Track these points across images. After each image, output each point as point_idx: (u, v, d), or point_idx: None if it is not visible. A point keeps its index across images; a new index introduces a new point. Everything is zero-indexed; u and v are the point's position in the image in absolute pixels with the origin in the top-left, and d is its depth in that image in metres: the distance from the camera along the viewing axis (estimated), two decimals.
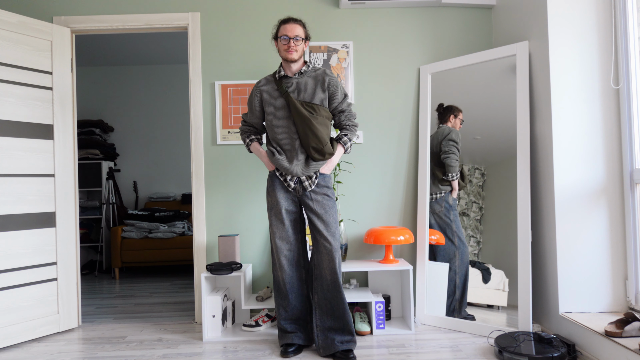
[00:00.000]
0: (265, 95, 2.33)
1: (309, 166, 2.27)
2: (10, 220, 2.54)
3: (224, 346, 2.45)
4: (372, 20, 3.00)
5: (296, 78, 2.29)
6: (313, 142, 2.23)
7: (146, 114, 5.45)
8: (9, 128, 2.55)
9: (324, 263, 2.27)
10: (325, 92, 2.29)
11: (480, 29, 3.02)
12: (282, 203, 2.31)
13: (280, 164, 2.25)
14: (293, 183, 2.29)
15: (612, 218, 2.26)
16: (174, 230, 4.58)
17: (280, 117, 2.28)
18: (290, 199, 2.33)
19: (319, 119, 2.26)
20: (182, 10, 2.96)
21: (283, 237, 2.32)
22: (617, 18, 2.26)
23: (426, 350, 2.29)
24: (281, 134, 2.28)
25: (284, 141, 2.28)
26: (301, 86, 2.28)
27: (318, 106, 2.26)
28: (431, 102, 2.90)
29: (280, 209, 2.31)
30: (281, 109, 2.28)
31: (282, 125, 2.28)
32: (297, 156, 2.26)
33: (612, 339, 1.89)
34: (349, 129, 2.37)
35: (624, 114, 2.24)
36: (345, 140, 2.35)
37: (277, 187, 2.32)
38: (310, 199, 2.29)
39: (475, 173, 2.66)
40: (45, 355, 2.39)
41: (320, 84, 2.28)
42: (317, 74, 2.30)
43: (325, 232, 2.25)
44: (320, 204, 2.28)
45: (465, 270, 2.60)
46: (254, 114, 2.39)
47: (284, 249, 2.33)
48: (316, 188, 2.30)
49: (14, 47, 2.58)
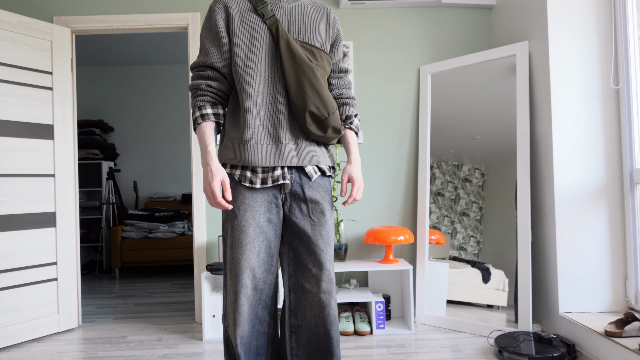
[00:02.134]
0: (236, 16, 1.39)
1: (306, 147, 1.42)
2: (10, 220, 2.54)
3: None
4: (372, 20, 3.00)
5: (287, 0, 1.45)
6: (312, 103, 1.37)
7: (146, 114, 5.45)
8: (9, 128, 2.55)
9: (315, 309, 1.42)
10: (329, 33, 1.48)
11: (480, 29, 3.02)
12: (256, 207, 1.38)
13: (255, 157, 1.36)
14: (283, 175, 1.40)
15: (612, 218, 2.27)
16: (174, 230, 4.58)
17: (259, 55, 1.37)
18: (268, 201, 1.41)
19: (320, 71, 1.42)
20: (182, 10, 2.96)
21: (250, 264, 1.36)
22: (617, 18, 2.26)
23: (426, 350, 2.29)
24: (259, 85, 1.37)
25: (262, 98, 1.38)
26: (295, 14, 1.43)
27: (320, 51, 1.43)
28: (431, 102, 2.90)
29: (251, 218, 1.37)
30: (262, 44, 1.38)
31: (262, 70, 1.38)
32: (285, 128, 1.38)
33: (612, 339, 1.89)
34: (353, 105, 1.57)
35: (624, 114, 2.24)
36: (357, 124, 1.54)
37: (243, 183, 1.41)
38: (303, 199, 1.42)
39: (475, 173, 2.66)
40: (45, 355, 2.39)
41: (324, 19, 1.48)
42: (319, 7, 1.51)
43: (324, 259, 1.40)
44: (318, 210, 1.42)
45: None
46: (215, 45, 1.40)
47: (248, 284, 1.37)
48: (314, 183, 1.43)
49: (14, 47, 2.58)
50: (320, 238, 1.40)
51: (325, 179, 1.47)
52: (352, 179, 1.47)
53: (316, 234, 1.40)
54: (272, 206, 1.40)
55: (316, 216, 1.41)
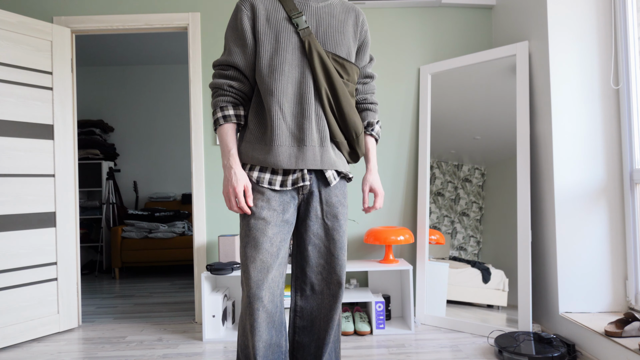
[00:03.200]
0: (262, 16, 1.37)
1: (329, 151, 1.38)
2: (10, 220, 2.54)
3: (224, 346, 2.45)
4: (372, 20, 3.00)
5: (316, 0, 1.41)
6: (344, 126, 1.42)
7: (146, 114, 5.45)
8: (9, 128, 2.55)
9: (322, 311, 1.44)
10: (356, 36, 1.44)
11: (480, 29, 3.02)
12: (273, 208, 1.36)
13: (278, 159, 1.34)
14: (303, 177, 1.38)
15: (612, 218, 2.26)
16: (174, 230, 4.58)
17: (284, 55, 1.35)
18: (286, 202, 1.39)
19: (350, 86, 1.42)
20: (182, 10, 2.96)
21: (266, 264, 1.34)
22: (617, 18, 2.26)
23: (426, 350, 2.29)
24: (284, 86, 1.34)
25: (287, 99, 1.35)
26: (323, 16, 1.39)
27: (350, 64, 1.40)
28: (431, 102, 2.90)
29: (269, 217, 1.35)
30: (288, 45, 1.36)
31: (287, 71, 1.35)
32: (310, 129, 1.34)
33: (612, 339, 1.89)
34: (376, 110, 1.56)
35: (624, 114, 2.24)
36: (378, 131, 1.55)
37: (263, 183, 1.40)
38: (320, 200, 1.41)
39: (475, 173, 2.66)
40: (45, 355, 2.39)
41: (352, 22, 1.43)
42: (348, 8, 1.45)
43: (335, 263, 1.41)
44: (333, 213, 1.42)
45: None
46: (239, 45, 1.39)
47: (265, 296, 1.34)
48: (333, 187, 1.43)
49: (14, 47, 2.58)
50: (332, 242, 1.41)
51: (342, 183, 1.46)
52: (374, 189, 1.49)
53: (329, 238, 1.41)
54: (289, 207, 1.39)
55: (330, 220, 1.41)
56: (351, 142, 1.43)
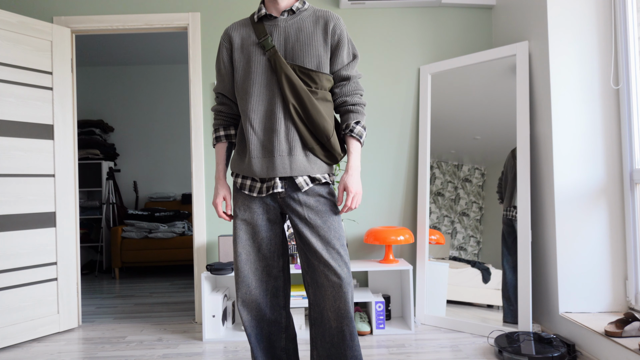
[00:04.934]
0: (237, 45, 1.56)
1: (299, 159, 1.51)
2: (10, 220, 2.54)
3: (224, 346, 2.45)
4: (372, 20, 3.00)
5: (285, 19, 1.53)
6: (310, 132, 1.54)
7: (146, 114, 5.45)
8: (9, 128, 2.55)
9: (327, 303, 1.52)
10: (327, 44, 1.53)
11: (480, 29, 3.02)
12: (254, 209, 1.56)
13: (253, 169, 1.53)
14: (274, 185, 1.52)
15: (612, 218, 2.27)
16: (174, 230, 4.58)
17: (255, 77, 1.52)
18: (267, 203, 1.57)
19: (319, 93, 1.52)
20: (182, 10, 2.96)
21: (249, 257, 1.58)
22: (617, 18, 2.26)
23: (426, 350, 2.29)
24: (255, 105, 1.51)
25: (258, 116, 1.51)
26: (291, 32, 1.51)
27: (316, 73, 1.50)
28: (431, 102, 2.90)
29: (250, 218, 1.57)
30: (258, 67, 1.52)
31: (258, 90, 1.51)
32: (279, 142, 1.49)
33: (612, 339, 1.89)
34: (358, 111, 1.58)
35: (624, 114, 2.24)
36: (359, 131, 1.55)
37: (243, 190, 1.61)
38: (299, 202, 1.53)
39: (475, 173, 2.66)
40: (45, 355, 2.39)
41: (321, 30, 1.52)
42: (318, 17, 1.55)
43: (327, 256, 1.49)
44: (315, 210, 1.52)
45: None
46: (221, 74, 1.61)
47: (251, 281, 1.58)
48: (309, 190, 1.54)
49: (14, 47, 2.58)
50: (320, 239, 1.51)
51: (319, 187, 1.55)
52: (346, 188, 1.53)
53: (315, 235, 1.51)
54: (270, 209, 1.57)
55: (313, 219, 1.52)
56: (324, 145, 1.54)
